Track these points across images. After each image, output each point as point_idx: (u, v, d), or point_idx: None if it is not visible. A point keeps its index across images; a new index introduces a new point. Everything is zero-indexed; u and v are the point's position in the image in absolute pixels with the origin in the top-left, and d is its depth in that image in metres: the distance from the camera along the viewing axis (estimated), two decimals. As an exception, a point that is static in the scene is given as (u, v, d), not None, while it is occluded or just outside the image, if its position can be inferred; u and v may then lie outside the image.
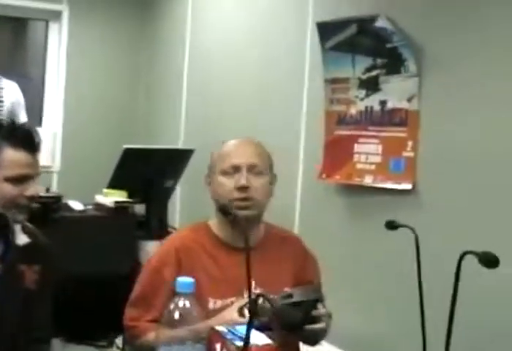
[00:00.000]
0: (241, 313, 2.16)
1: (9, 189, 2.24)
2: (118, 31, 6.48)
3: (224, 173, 2.42)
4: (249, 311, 1.53)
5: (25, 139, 2.29)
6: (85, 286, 3.58)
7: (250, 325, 1.35)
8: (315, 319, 2.18)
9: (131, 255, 3.67)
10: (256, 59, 4.85)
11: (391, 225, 2.03)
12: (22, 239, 2.34)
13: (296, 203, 4.32)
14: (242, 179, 2.38)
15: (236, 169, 2.41)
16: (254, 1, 4.94)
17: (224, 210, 2.36)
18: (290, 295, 2.12)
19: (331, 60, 4.00)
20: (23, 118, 4.43)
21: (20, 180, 2.25)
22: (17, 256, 2.30)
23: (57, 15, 6.30)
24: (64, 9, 6.26)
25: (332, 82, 4.01)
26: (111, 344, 4.46)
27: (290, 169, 4.33)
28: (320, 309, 2.20)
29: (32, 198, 2.29)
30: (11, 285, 2.28)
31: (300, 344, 2.47)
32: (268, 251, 2.45)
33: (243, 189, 2.38)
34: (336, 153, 4.00)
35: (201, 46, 5.60)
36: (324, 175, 4.04)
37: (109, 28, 6.44)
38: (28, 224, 2.45)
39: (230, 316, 2.18)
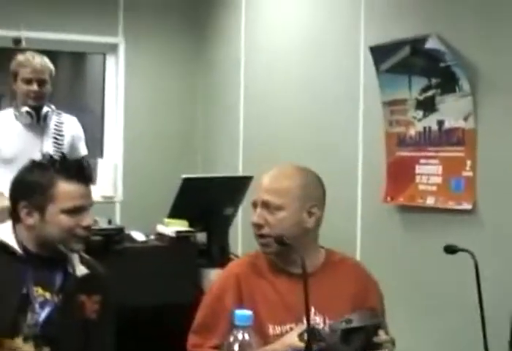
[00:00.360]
0: (301, 338, 2.16)
1: (66, 221, 2.32)
2: (174, 62, 6.55)
3: (252, 206, 2.45)
4: (307, 340, 1.53)
5: (77, 171, 2.39)
6: (149, 315, 3.60)
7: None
8: (377, 346, 2.16)
9: (194, 283, 3.68)
10: (309, 84, 4.87)
11: (450, 249, 2.01)
12: (81, 270, 2.39)
13: (357, 226, 4.29)
14: (254, 216, 2.41)
15: (254, 205, 2.43)
16: (305, 27, 4.96)
17: None
18: (350, 320, 2.11)
19: (387, 82, 4.00)
20: (83, 151, 4.50)
21: (75, 211, 2.32)
22: (76, 286, 2.36)
23: (113, 48, 6.41)
24: (120, 42, 6.36)
25: (390, 104, 4.00)
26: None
27: (349, 192, 4.31)
28: (382, 335, 2.19)
29: (88, 228, 2.36)
30: (71, 315, 2.33)
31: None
32: (327, 277, 2.44)
33: (256, 226, 2.41)
34: (399, 175, 3.98)
35: (255, 73, 5.65)
36: (389, 198, 4.02)
37: (164, 59, 6.52)
38: (86, 255, 2.49)
39: (290, 341, 2.18)
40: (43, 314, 2.30)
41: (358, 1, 4.31)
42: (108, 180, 6.28)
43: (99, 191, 6.15)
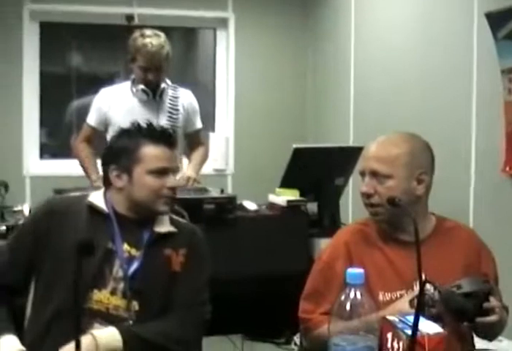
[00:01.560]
0: (411, 304, 2.15)
1: (152, 182, 2.43)
2: (284, 34, 6.56)
3: (360, 175, 2.44)
4: (418, 301, 1.53)
5: (163, 135, 2.50)
6: (261, 284, 3.65)
7: (418, 314, 1.35)
8: (487, 312, 2.13)
9: (305, 253, 3.71)
10: (421, 52, 4.80)
11: None
12: (168, 228, 2.50)
13: (470, 196, 4.23)
14: (362, 186, 2.39)
15: (362, 174, 2.41)
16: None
17: None
18: (460, 286, 2.09)
19: (506, 49, 3.88)
20: (198, 124, 4.54)
21: (160, 172, 2.44)
22: (162, 242, 2.46)
23: (223, 23, 6.47)
24: (230, 16, 6.43)
25: (509, 72, 3.89)
26: (289, 341, 4.53)
27: (462, 162, 4.25)
28: (493, 302, 2.15)
29: (173, 189, 2.46)
30: (157, 269, 2.43)
31: (476, 339, 2.44)
32: (438, 244, 2.42)
33: (365, 195, 2.39)
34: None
35: (366, 42, 5.61)
36: (508, 168, 3.93)
37: (274, 32, 6.55)
38: (175, 217, 2.61)
39: (400, 307, 2.17)
40: (129, 269, 2.40)
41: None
42: (220, 154, 6.35)
43: (211, 164, 6.25)
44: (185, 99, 4.47)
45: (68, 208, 2.49)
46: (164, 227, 2.50)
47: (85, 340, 2.24)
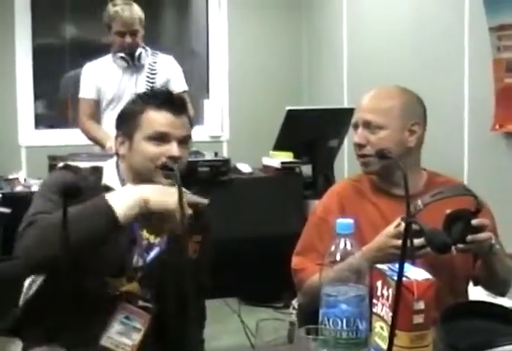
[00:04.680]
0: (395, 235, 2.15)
1: (149, 149, 2.23)
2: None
3: (353, 127, 2.44)
4: (403, 248, 1.52)
5: (166, 100, 2.31)
6: (256, 246, 3.66)
7: (403, 258, 1.35)
8: (477, 230, 2.14)
9: (299, 214, 3.71)
10: (413, 12, 4.79)
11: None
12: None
13: (464, 154, 4.23)
14: (355, 137, 2.40)
15: (356, 125, 2.41)
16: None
17: None
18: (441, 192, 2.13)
19: (494, 6, 3.86)
20: (180, 87, 4.56)
21: (159, 139, 2.24)
22: None
23: (216, -13, 6.42)
24: (223, -18, 6.37)
25: (498, 29, 3.87)
26: (287, 305, 4.55)
27: (455, 120, 4.24)
28: (481, 219, 2.16)
29: (172, 158, 2.22)
30: (176, 257, 2.13)
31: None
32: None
33: (357, 146, 2.39)
34: (508, 102, 3.86)
35: (359, 5, 5.58)
36: (497, 126, 3.92)
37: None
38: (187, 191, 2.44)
39: (385, 231, 2.19)
40: (149, 257, 2.28)
41: None
42: (215, 120, 6.35)
43: (206, 131, 6.26)
44: (164, 64, 4.59)
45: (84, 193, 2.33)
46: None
47: None
